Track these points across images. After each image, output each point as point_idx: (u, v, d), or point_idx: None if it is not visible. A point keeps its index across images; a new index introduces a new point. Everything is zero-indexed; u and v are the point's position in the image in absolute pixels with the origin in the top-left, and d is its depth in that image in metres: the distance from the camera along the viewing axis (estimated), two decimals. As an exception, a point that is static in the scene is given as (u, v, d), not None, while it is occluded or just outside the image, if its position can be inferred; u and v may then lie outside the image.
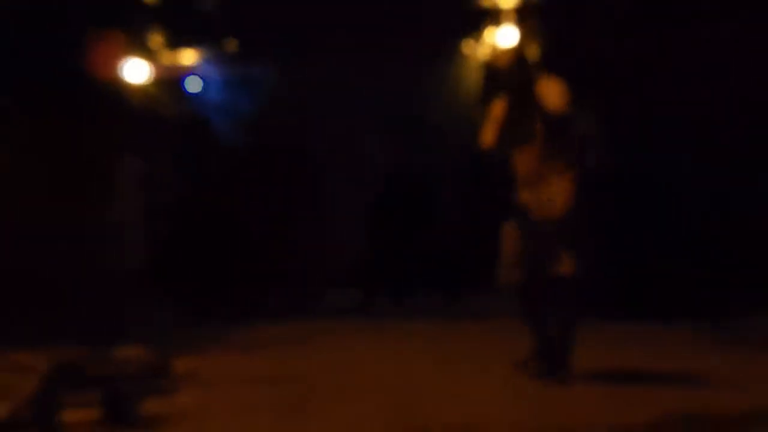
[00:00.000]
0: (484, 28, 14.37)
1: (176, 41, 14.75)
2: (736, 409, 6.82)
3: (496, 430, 6.47)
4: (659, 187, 11.96)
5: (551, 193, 7.75)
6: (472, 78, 15.22)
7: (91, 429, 6.75)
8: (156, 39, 14.43)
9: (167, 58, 14.95)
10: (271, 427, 6.85)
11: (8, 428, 6.68)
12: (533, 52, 8.25)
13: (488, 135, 7.95)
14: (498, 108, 7.97)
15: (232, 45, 15.00)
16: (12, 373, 7.70)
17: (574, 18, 12.41)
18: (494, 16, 14.03)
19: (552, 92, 7.78)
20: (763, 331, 9.98)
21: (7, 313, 9.27)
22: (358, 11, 12.96)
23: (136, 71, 14.11)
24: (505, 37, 14.18)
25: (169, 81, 15.23)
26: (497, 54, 7.90)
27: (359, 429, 6.79)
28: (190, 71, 15.56)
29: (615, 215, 11.10)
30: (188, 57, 15.27)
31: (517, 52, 8.03)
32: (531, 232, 7.81)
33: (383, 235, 14.87)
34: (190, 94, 15.78)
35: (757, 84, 10.80)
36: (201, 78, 15.73)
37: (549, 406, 7.12)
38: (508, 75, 7.91)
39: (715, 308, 10.32)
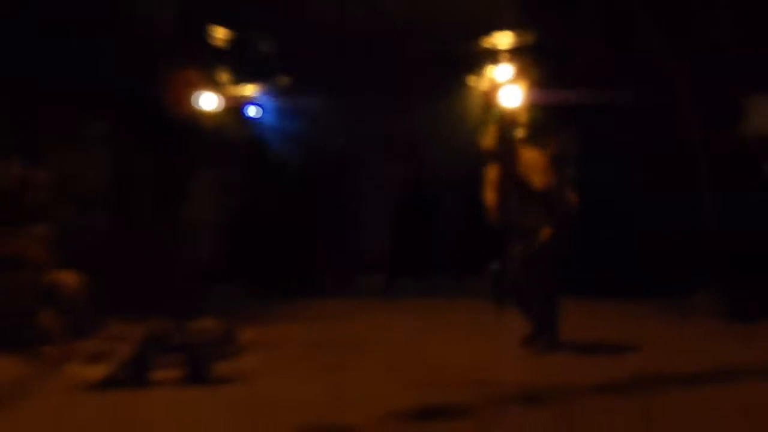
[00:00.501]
0: (484, 65, 14.28)
1: (239, 77, 14.73)
2: (681, 369, 6.82)
3: (498, 386, 6.48)
4: (616, 200, 11.93)
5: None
6: (474, 106, 15.15)
7: (175, 385, 6.77)
8: (223, 76, 14.42)
9: (232, 90, 14.94)
10: (317, 381, 6.88)
11: (108, 384, 6.73)
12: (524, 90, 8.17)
13: (489, 198, 7.92)
14: (492, 172, 7.88)
15: (284, 80, 14.95)
16: (112, 340, 7.72)
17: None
18: (493, 55, 13.94)
19: (535, 166, 7.74)
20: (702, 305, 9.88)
21: (112, 291, 9.28)
22: (384, 53, 12.91)
23: (207, 101, 14.13)
24: (502, 73, 14.08)
25: (234, 109, 15.24)
26: (485, 135, 7.76)
27: (385, 382, 6.83)
28: (250, 101, 15.54)
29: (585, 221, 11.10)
30: (249, 90, 15.24)
31: (500, 131, 7.90)
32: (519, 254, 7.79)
33: (402, 231, 14.80)
34: (251, 119, 15.77)
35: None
36: (259, 106, 15.72)
37: (541, 370, 7.10)
38: (494, 152, 7.81)
39: (663, 288, 10.21)
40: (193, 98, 13.30)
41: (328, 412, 5.77)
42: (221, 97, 14.49)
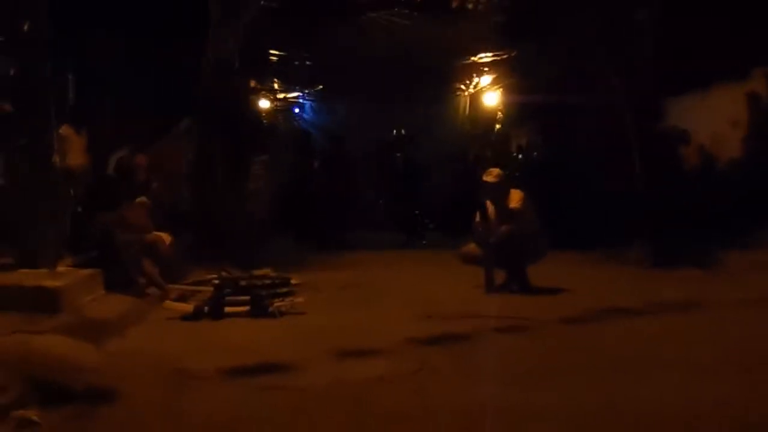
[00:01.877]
0: (471, 74, 14.24)
1: (287, 86, 14.74)
2: (619, 305, 6.84)
3: (485, 319, 6.50)
4: (570, 174, 11.91)
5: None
6: (461, 109, 15.10)
7: (243, 318, 6.79)
8: (276, 84, 14.44)
9: (281, 94, 14.95)
10: (350, 313, 6.94)
11: (194, 317, 6.78)
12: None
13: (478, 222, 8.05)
14: (489, 207, 8.00)
15: (319, 87, 14.94)
16: (196, 284, 7.76)
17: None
18: (477, 69, 13.90)
19: (513, 198, 7.85)
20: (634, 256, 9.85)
21: (194, 247, 9.33)
22: (393, 69, 12.86)
23: (264, 103, 14.15)
24: (484, 80, 14.03)
25: (284, 109, 15.25)
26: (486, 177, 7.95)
27: (398, 313, 6.88)
28: (296, 102, 15.56)
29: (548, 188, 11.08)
30: (294, 94, 15.25)
31: (499, 178, 7.97)
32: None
33: (411, 199, 14.67)
34: (296, 116, 15.79)
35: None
36: (302, 106, 15.74)
37: (516, 306, 7.09)
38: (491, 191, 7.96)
39: (603, 241, 10.17)
40: (254, 101, 13.37)
41: (358, 338, 5.78)
42: (273, 99, 14.55)
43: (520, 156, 14.08)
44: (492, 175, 8.03)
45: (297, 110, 15.78)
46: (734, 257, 8.88)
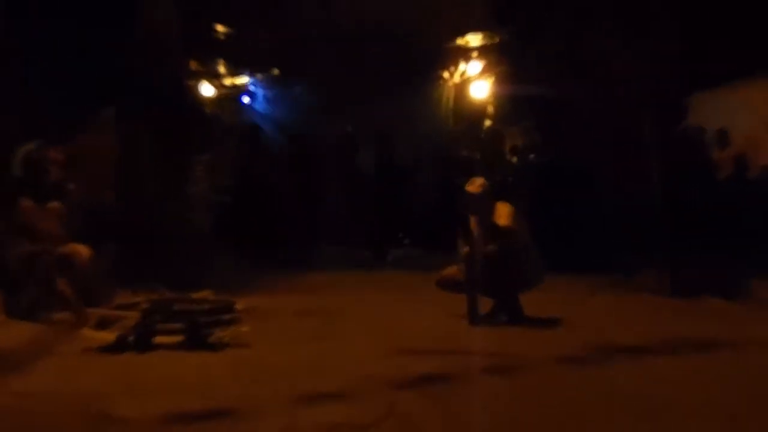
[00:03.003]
0: (457, 61, 14.30)
1: (236, 68, 14.71)
2: (628, 342, 6.88)
3: (465, 356, 6.52)
4: (573, 183, 11.97)
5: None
6: (444, 102, 15.17)
7: (176, 350, 6.75)
8: (221, 67, 14.41)
9: (229, 80, 14.92)
10: (306, 346, 6.93)
11: (117, 348, 6.71)
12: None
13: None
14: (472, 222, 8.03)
15: (274, 71, 14.92)
16: (120, 308, 7.71)
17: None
18: (465, 53, 13.96)
19: (501, 212, 7.89)
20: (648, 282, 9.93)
21: (120, 264, 9.28)
22: (366, 50, 12.88)
23: (206, 90, 14.10)
24: (472, 68, 14.11)
25: (231, 97, 15.21)
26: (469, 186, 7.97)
27: (363, 348, 6.86)
28: (244, 90, 15.53)
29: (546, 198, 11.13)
30: (243, 80, 15.22)
31: (483, 188, 8.00)
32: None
33: (381, 208, 14.70)
34: (247, 106, 15.76)
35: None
36: (254, 95, 15.71)
37: (503, 341, 7.11)
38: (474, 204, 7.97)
39: (611, 265, 10.25)
40: (193, 87, 13.31)
41: (315, 377, 5.77)
42: (218, 86, 14.51)
43: (514, 159, 14.15)
44: (475, 185, 8.04)
45: (247, 99, 15.75)
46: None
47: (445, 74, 14.74)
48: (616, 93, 11.01)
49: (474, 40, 13.44)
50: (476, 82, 14.28)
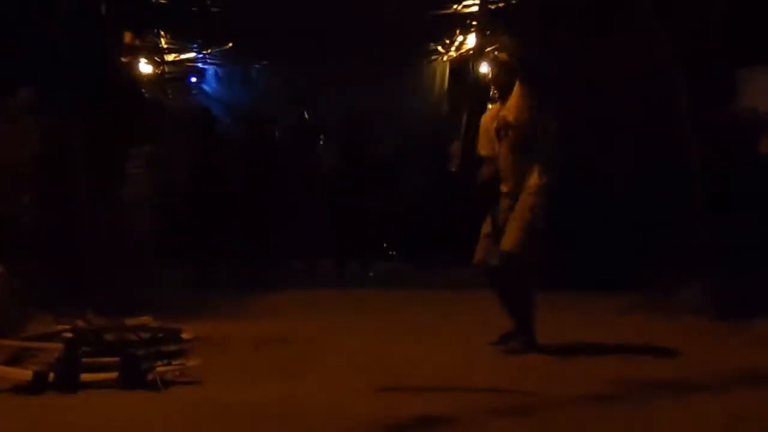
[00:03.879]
0: (453, 32, 14.34)
1: (181, 42, 14.72)
2: (665, 376, 6.85)
3: (472, 394, 6.47)
4: (598, 183, 11.92)
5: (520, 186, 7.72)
6: (441, 72, 15.23)
7: (108, 389, 6.62)
8: (163, 40, 14.40)
9: (172, 56, 14.94)
10: (270, 384, 6.82)
11: (34, 387, 6.58)
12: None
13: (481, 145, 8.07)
14: (486, 120, 8.05)
15: (227, 45, 14.95)
16: (39, 339, 7.65)
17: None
18: (461, 22, 13.99)
19: (517, 104, 7.80)
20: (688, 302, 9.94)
21: (38, 283, 9.22)
22: (343, 20, 12.85)
23: (147, 67, 14.08)
24: (470, 40, 14.17)
25: (176, 77, 15.23)
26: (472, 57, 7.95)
27: (342, 384, 6.81)
28: (192, 68, 15.58)
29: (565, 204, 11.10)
30: (190, 55, 15.26)
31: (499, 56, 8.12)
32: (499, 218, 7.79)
33: (353, 211, 14.67)
34: (194, 87, 15.81)
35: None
36: (203, 73, 15.77)
37: (516, 374, 7.05)
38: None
39: (643, 281, 10.25)
40: (129, 64, 13.25)
41: (281, 423, 5.72)
42: (161, 63, 14.50)
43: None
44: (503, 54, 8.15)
45: (195, 79, 15.79)
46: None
47: (439, 47, 14.77)
48: (649, 69, 11.01)
49: (473, 4, 13.42)
50: (476, 57, 14.28)
